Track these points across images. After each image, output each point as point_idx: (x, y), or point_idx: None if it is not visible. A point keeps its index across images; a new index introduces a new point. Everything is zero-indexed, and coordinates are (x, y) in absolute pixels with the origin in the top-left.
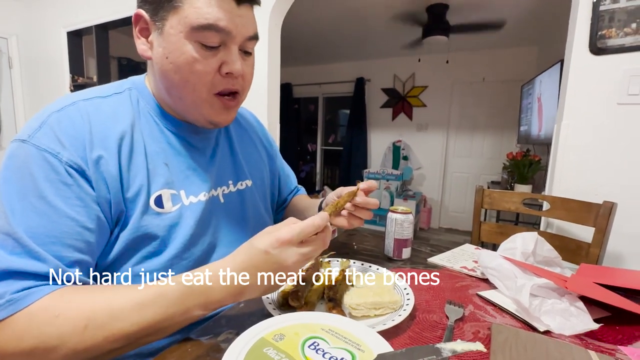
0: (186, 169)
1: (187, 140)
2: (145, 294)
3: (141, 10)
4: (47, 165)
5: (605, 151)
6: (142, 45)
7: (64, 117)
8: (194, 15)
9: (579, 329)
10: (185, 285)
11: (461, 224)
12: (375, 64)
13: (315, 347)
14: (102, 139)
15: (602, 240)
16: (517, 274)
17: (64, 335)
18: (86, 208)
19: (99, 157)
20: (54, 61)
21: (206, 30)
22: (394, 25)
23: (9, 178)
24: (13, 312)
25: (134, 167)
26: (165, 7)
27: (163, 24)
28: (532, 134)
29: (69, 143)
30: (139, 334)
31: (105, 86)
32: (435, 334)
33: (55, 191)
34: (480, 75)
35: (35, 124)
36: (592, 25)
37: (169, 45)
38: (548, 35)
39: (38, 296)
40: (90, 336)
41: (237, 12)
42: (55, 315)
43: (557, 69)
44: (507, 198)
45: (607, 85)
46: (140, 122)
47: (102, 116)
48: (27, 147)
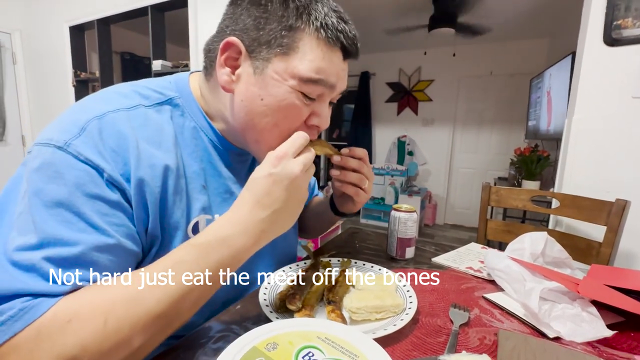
0: (223, 192)
1: (229, 161)
2: (161, 266)
3: (237, 40)
4: (88, 178)
5: (618, 147)
6: (225, 77)
7: (107, 126)
8: (306, 67)
9: (591, 335)
10: (200, 243)
11: (467, 221)
12: (380, 57)
13: (310, 358)
14: (150, 165)
15: (614, 240)
16: (526, 277)
17: (83, 340)
18: (123, 227)
19: (142, 180)
20: (56, 56)
21: (314, 84)
22: (400, 17)
23: (41, 190)
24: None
25: (176, 197)
26: (272, 48)
27: (265, 66)
28: (540, 128)
29: (111, 158)
30: (169, 313)
31: (146, 87)
32: (438, 340)
33: (92, 206)
34: (487, 69)
35: (74, 129)
36: (607, 15)
37: (268, 89)
38: (559, 27)
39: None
40: (114, 331)
41: (342, 67)
42: (67, 320)
43: (568, 61)
44: (514, 195)
45: (621, 78)
46: (184, 138)
47: (149, 132)
48: (64, 155)
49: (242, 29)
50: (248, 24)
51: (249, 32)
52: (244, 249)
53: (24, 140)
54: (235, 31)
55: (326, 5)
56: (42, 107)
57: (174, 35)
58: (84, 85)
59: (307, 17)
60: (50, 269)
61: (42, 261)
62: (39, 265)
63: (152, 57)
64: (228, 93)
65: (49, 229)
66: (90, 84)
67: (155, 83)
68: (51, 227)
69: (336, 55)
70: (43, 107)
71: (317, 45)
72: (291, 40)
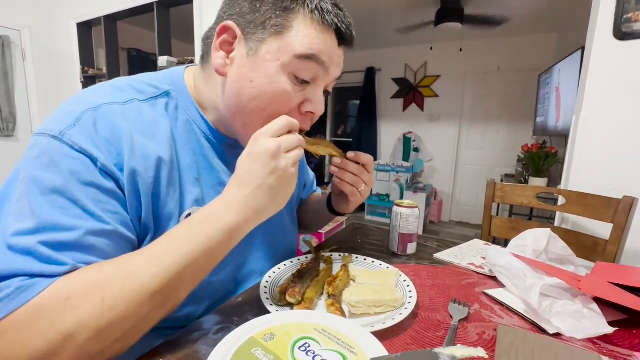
0: (217, 185)
1: (222, 154)
2: (155, 245)
3: (232, 24)
4: (82, 167)
5: (627, 144)
6: (219, 60)
7: (102, 118)
8: (300, 43)
9: (591, 332)
10: (190, 221)
11: (473, 218)
12: (386, 52)
13: (306, 349)
14: (143, 156)
15: (620, 238)
16: (527, 273)
17: (79, 317)
18: (118, 215)
19: (134, 170)
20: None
21: (307, 60)
22: (406, 12)
23: (37, 177)
24: (25, 300)
25: (170, 188)
26: (267, 29)
27: (258, 47)
28: (549, 125)
29: (105, 147)
30: (164, 290)
31: (141, 81)
32: (437, 334)
33: (87, 193)
34: (495, 64)
35: (69, 119)
36: (617, 8)
37: (259, 70)
38: (568, 21)
39: (45, 285)
40: (110, 307)
41: (337, 51)
42: (64, 298)
43: (577, 56)
44: (520, 192)
45: (631, 73)
46: (177, 131)
47: (143, 125)
48: (59, 144)
49: (238, 12)
50: (244, 7)
51: (244, 16)
52: (234, 224)
53: None
54: (232, 15)
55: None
56: (52, 103)
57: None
58: (91, 81)
59: (302, 0)
60: (48, 252)
61: (38, 245)
62: (35, 248)
63: (158, 53)
64: (221, 77)
65: (46, 214)
66: (97, 79)
67: (150, 77)
68: (47, 213)
69: (330, 37)
70: (52, 103)
71: (312, 25)
72: (285, 20)
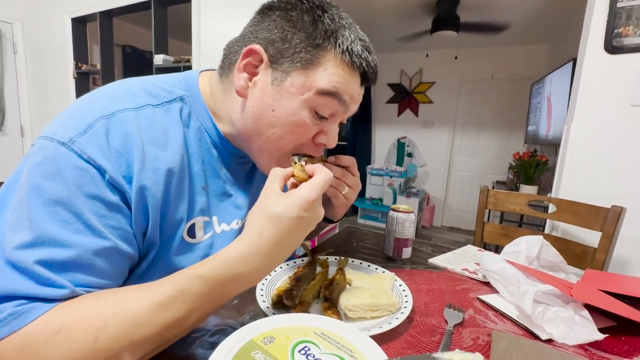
0: (220, 194)
1: (229, 164)
2: (163, 292)
3: (260, 48)
4: (89, 178)
5: (616, 154)
6: (241, 82)
7: (114, 127)
8: (324, 80)
9: (583, 338)
10: (209, 278)
11: (464, 223)
12: (382, 58)
13: (306, 352)
14: (153, 169)
15: (608, 246)
16: (521, 279)
17: (68, 355)
18: (119, 230)
19: (143, 187)
20: (58, 47)
21: (329, 97)
22: (402, 19)
23: (39, 186)
24: (16, 328)
25: (178, 198)
26: (295, 62)
27: (284, 78)
28: (540, 134)
29: (115, 159)
30: (164, 336)
31: (155, 84)
32: (433, 339)
33: (91, 207)
34: (488, 73)
35: (80, 126)
36: (609, 23)
37: (282, 101)
38: (561, 33)
39: (38, 313)
40: (103, 349)
41: (358, 91)
42: (55, 331)
43: (569, 67)
44: (512, 199)
45: (621, 86)
46: (189, 137)
47: (155, 133)
48: (67, 152)
49: (267, 38)
50: (274, 35)
51: (274, 43)
52: (252, 284)
53: (22, 130)
54: (260, 39)
55: (353, 32)
56: (42, 98)
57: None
58: (84, 77)
59: (334, 40)
60: (45, 273)
61: (35, 265)
62: (32, 269)
63: (155, 51)
64: (241, 97)
65: (45, 227)
66: (91, 76)
67: (164, 81)
68: (47, 226)
69: (355, 78)
70: (43, 98)
71: (340, 64)
72: (315, 57)
